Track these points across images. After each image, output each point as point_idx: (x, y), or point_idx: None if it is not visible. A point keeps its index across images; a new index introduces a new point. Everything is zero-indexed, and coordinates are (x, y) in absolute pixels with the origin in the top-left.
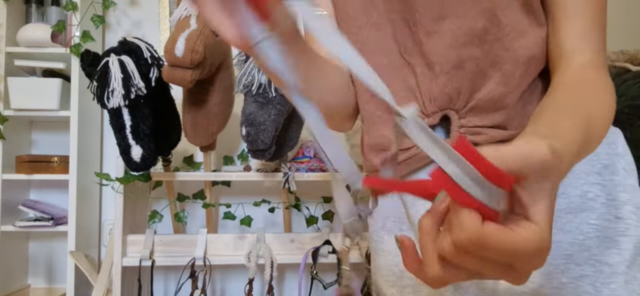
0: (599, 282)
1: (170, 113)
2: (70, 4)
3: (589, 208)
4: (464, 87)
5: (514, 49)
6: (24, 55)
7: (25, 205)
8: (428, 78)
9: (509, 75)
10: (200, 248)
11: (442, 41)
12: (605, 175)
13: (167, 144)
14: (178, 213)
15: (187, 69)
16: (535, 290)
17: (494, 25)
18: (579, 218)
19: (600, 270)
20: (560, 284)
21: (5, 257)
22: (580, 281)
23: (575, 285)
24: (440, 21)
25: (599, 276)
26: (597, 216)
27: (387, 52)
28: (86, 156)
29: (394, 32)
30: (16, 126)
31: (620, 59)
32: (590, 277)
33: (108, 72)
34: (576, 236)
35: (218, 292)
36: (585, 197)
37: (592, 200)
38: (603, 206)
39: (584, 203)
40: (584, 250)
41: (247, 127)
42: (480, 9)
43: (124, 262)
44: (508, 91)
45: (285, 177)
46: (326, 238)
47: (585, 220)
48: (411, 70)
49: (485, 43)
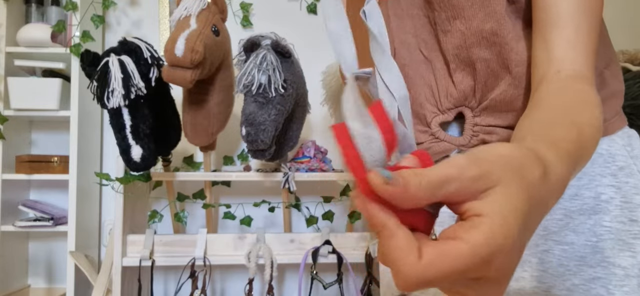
0: (611, 285)
1: (170, 113)
2: (70, 4)
3: (603, 210)
4: (478, 86)
5: (522, 52)
6: (24, 55)
7: (25, 205)
8: (445, 75)
9: (520, 77)
10: (200, 248)
11: (455, 41)
12: (621, 177)
13: (167, 144)
14: (178, 213)
15: (187, 69)
16: (546, 290)
17: (502, 28)
18: (592, 220)
19: (613, 273)
20: (572, 285)
21: (5, 257)
22: (593, 283)
23: (588, 287)
24: (453, 21)
25: (612, 279)
26: (611, 218)
27: (407, 46)
28: (86, 156)
29: (415, 28)
30: (16, 126)
31: (620, 59)
32: (603, 279)
33: (108, 72)
34: (589, 238)
35: (218, 292)
36: (599, 199)
37: (607, 202)
38: (617, 208)
39: (598, 205)
40: (597, 252)
41: (247, 127)
42: (488, 12)
43: (124, 262)
44: (519, 93)
45: (285, 177)
46: (326, 238)
47: (599, 221)
48: (430, 66)
49: (494, 45)
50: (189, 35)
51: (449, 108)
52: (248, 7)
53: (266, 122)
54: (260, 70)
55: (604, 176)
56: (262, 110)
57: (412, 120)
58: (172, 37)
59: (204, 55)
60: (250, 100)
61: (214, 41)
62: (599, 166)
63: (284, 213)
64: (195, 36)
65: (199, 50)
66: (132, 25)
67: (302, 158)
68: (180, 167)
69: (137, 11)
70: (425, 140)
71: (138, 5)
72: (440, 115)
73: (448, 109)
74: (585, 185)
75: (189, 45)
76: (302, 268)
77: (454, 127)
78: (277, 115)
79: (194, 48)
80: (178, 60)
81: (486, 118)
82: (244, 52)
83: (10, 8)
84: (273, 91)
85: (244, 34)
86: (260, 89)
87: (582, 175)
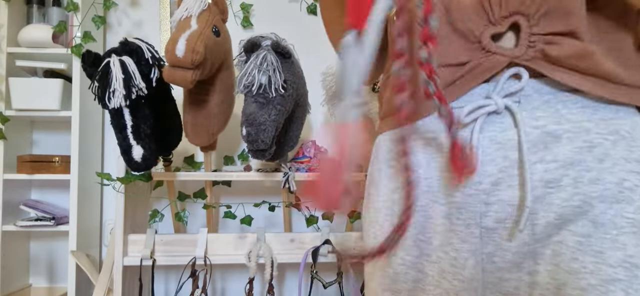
0: (632, 289)
1: (171, 114)
2: (71, 5)
3: (626, 199)
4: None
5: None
6: (25, 56)
7: (26, 205)
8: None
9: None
10: (200, 248)
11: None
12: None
13: (168, 144)
14: (179, 212)
15: (187, 70)
16: (558, 287)
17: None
18: (613, 210)
19: (636, 276)
20: (588, 285)
21: (7, 257)
22: (611, 285)
23: (606, 290)
24: None
25: (634, 282)
26: (635, 209)
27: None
28: (87, 156)
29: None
30: (17, 126)
31: None
32: (624, 282)
33: (109, 73)
34: (608, 230)
35: (219, 291)
36: (621, 186)
37: (630, 190)
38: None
39: (621, 192)
40: (618, 248)
41: (248, 127)
42: None
43: (125, 262)
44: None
45: (285, 177)
46: (326, 237)
47: (620, 212)
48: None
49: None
50: (189, 35)
51: (503, 16)
52: (248, 7)
53: (266, 122)
54: (260, 71)
55: (629, 161)
56: (263, 110)
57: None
58: (173, 37)
59: (204, 55)
60: (251, 100)
61: (215, 42)
62: (623, 149)
63: (284, 213)
64: (196, 37)
65: (199, 50)
66: (133, 25)
67: (302, 158)
68: (181, 167)
69: (138, 12)
70: (472, 58)
71: (139, 6)
72: (492, 27)
73: (502, 18)
74: (608, 168)
75: (190, 45)
76: (302, 267)
77: (507, 39)
78: (278, 115)
79: (195, 48)
80: (179, 60)
81: (545, 25)
82: (244, 53)
83: (11, 9)
84: (273, 91)
85: (244, 34)
86: (261, 90)
87: (603, 156)
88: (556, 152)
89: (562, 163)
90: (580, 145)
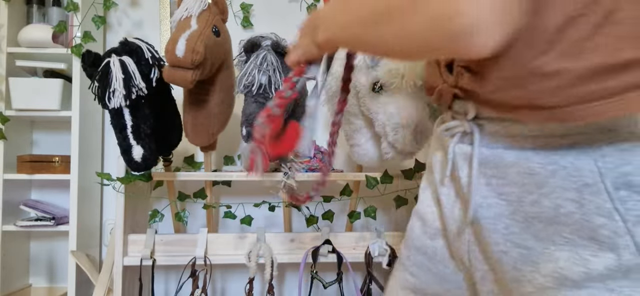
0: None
1: (171, 114)
2: (71, 5)
3: (563, 222)
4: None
5: None
6: (25, 56)
7: (26, 205)
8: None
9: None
10: (200, 248)
11: None
12: (586, 195)
13: (168, 144)
14: (179, 212)
15: (187, 70)
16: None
17: None
18: (552, 228)
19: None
20: (528, 293)
21: (7, 257)
22: (544, 293)
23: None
24: None
25: (562, 289)
26: (571, 231)
27: None
28: (87, 156)
29: None
30: (17, 126)
31: None
32: (554, 290)
33: (109, 73)
34: (547, 245)
35: (219, 291)
36: (558, 211)
37: (566, 216)
38: (577, 223)
39: (557, 216)
40: (551, 261)
41: (248, 127)
42: None
43: (125, 262)
44: None
45: (285, 177)
46: (326, 237)
47: (558, 231)
48: None
49: None
50: (189, 35)
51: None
52: (248, 7)
53: None
54: (260, 71)
55: (567, 190)
56: (263, 110)
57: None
58: (173, 37)
59: (204, 55)
60: (251, 100)
61: (215, 42)
62: (561, 179)
63: (284, 213)
64: (196, 37)
65: (199, 50)
66: (133, 25)
67: (302, 158)
68: (181, 167)
69: (138, 12)
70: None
71: (139, 6)
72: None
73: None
74: (546, 194)
75: (190, 45)
76: (302, 267)
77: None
78: None
79: (195, 49)
80: (179, 60)
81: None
82: (244, 53)
83: (11, 9)
84: (273, 91)
85: (244, 34)
86: (261, 90)
87: (543, 184)
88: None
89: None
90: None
